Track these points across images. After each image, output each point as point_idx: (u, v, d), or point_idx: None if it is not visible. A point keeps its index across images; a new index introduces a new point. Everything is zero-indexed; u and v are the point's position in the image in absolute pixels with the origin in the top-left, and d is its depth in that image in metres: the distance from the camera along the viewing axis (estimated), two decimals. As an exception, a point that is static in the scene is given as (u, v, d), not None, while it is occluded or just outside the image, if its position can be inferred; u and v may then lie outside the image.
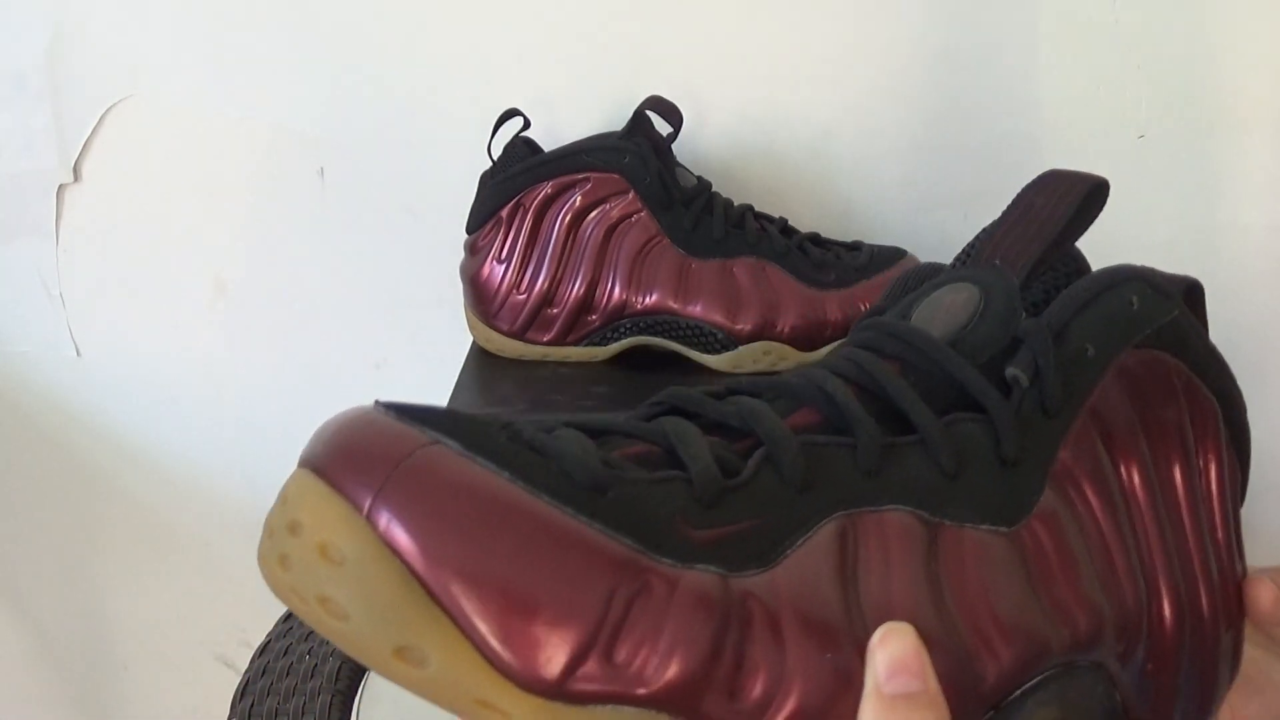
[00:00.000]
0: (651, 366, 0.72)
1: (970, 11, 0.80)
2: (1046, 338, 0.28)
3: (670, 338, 0.72)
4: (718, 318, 0.70)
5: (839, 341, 0.32)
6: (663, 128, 0.73)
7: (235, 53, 0.83)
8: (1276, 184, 0.84)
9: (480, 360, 0.75)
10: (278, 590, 0.26)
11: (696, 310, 0.70)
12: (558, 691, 0.24)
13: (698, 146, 0.81)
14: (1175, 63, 0.81)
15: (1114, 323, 0.30)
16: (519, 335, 0.73)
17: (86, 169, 0.86)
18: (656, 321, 0.71)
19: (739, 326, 0.70)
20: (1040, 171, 0.41)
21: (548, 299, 0.72)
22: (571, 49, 0.81)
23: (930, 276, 0.32)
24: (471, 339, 0.76)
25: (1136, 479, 0.29)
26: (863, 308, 0.71)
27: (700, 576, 0.25)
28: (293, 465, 0.27)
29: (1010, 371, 0.28)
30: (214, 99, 0.83)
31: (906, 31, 0.81)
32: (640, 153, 0.70)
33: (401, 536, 0.24)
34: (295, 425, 0.90)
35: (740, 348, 0.71)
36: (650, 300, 0.71)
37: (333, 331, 0.88)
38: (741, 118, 0.82)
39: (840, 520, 0.26)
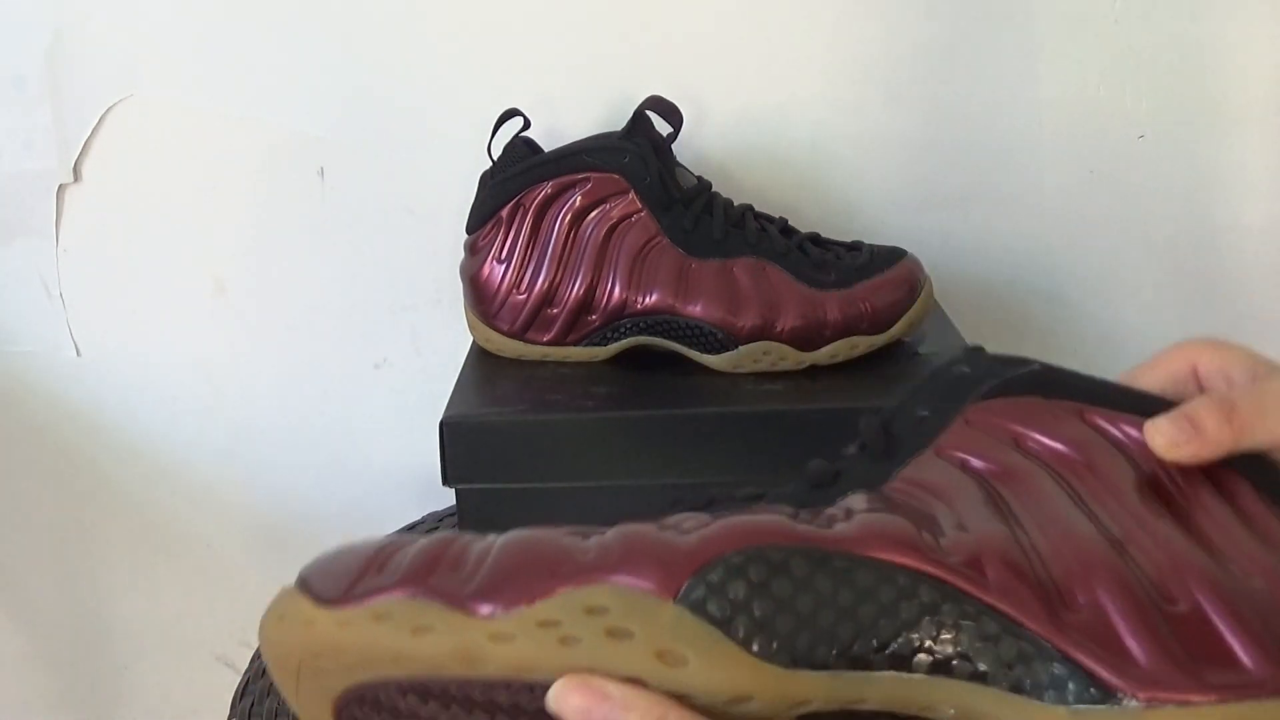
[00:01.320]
0: (651, 366, 0.72)
1: (970, 12, 0.80)
2: (873, 423, 0.39)
3: (670, 338, 0.72)
4: (718, 318, 0.70)
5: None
6: (663, 128, 0.73)
7: (235, 53, 0.83)
8: (1276, 183, 0.84)
9: (480, 360, 0.75)
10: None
11: (696, 310, 0.70)
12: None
13: (698, 146, 0.81)
14: (1175, 63, 0.81)
15: (945, 388, 0.39)
16: (519, 335, 0.73)
17: (86, 169, 0.86)
18: (656, 321, 0.71)
19: (739, 326, 0.70)
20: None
21: (548, 299, 0.72)
22: (571, 49, 0.81)
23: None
24: (471, 339, 0.76)
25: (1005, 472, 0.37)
26: (863, 308, 0.71)
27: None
28: (292, 465, 0.27)
29: (848, 448, 0.39)
30: (214, 99, 0.83)
31: (906, 31, 0.81)
32: (640, 153, 0.70)
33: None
34: (295, 425, 0.91)
35: (740, 348, 0.70)
36: (650, 300, 0.71)
37: (333, 331, 0.88)
38: (741, 118, 0.82)
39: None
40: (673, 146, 0.73)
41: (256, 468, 0.92)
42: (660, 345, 0.72)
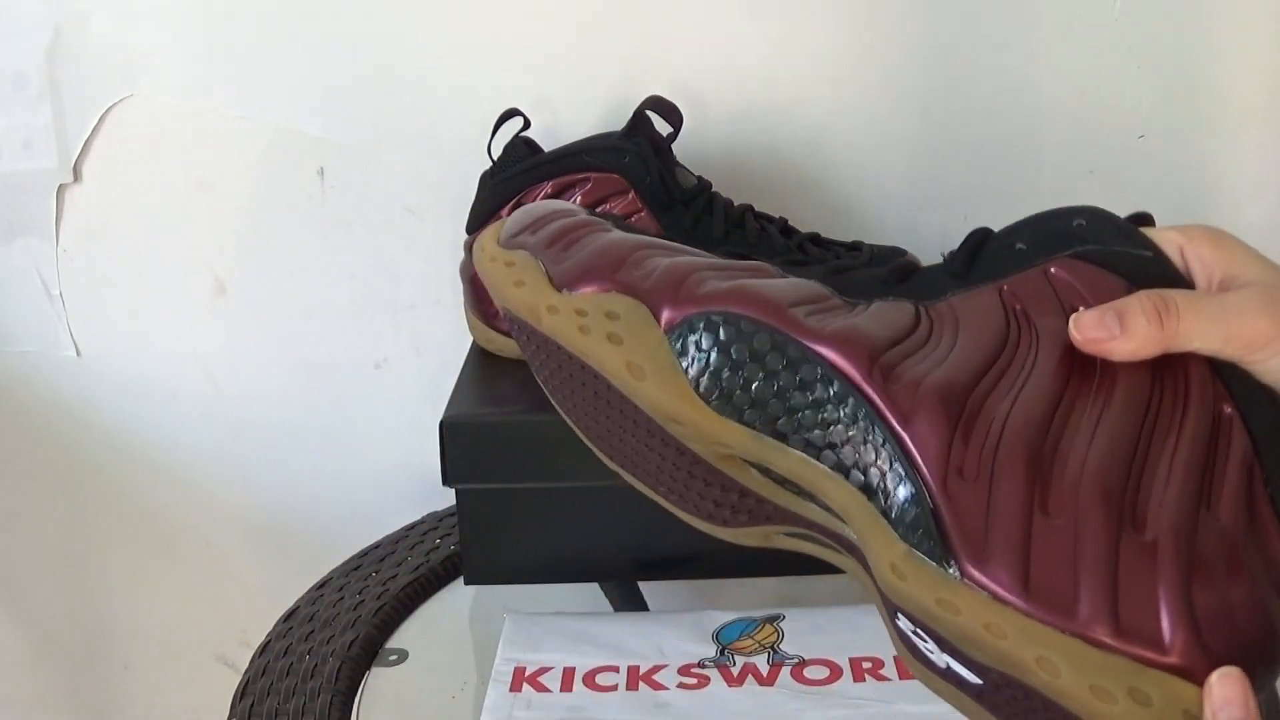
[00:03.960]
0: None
1: (970, 12, 0.80)
2: (969, 241, 0.43)
3: (670, 338, 0.72)
4: (718, 318, 0.70)
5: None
6: (663, 128, 0.73)
7: (235, 53, 0.83)
8: (1276, 183, 0.84)
9: (480, 360, 0.75)
10: None
11: (696, 310, 0.70)
12: None
13: (698, 146, 0.81)
14: (1175, 63, 0.81)
15: (1051, 233, 0.41)
16: (519, 335, 0.73)
17: (86, 169, 0.86)
18: (656, 321, 0.71)
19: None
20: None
21: (548, 299, 0.72)
22: (571, 49, 0.81)
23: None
24: (471, 339, 0.76)
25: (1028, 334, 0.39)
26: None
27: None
28: (292, 465, 0.27)
29: (942, 251, 0.44)
30: (214, 99, 0.83)
31: (906, 31, 0.81)
32: (640, 153, 0.70)
33: None
34: (295, 425, 0.91)
35: (740, 348, 0.70)
36: (650, 300, 0.71)
37: (333, 331, 0.88)
38: (741, 118, 0.82)
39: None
40: (673, 146, 0.73)
41: (256, 468, 0.92)
42: (660, 345, 0.72)
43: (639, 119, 0.72)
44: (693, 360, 0.40)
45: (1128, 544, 0.33)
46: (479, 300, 0.74)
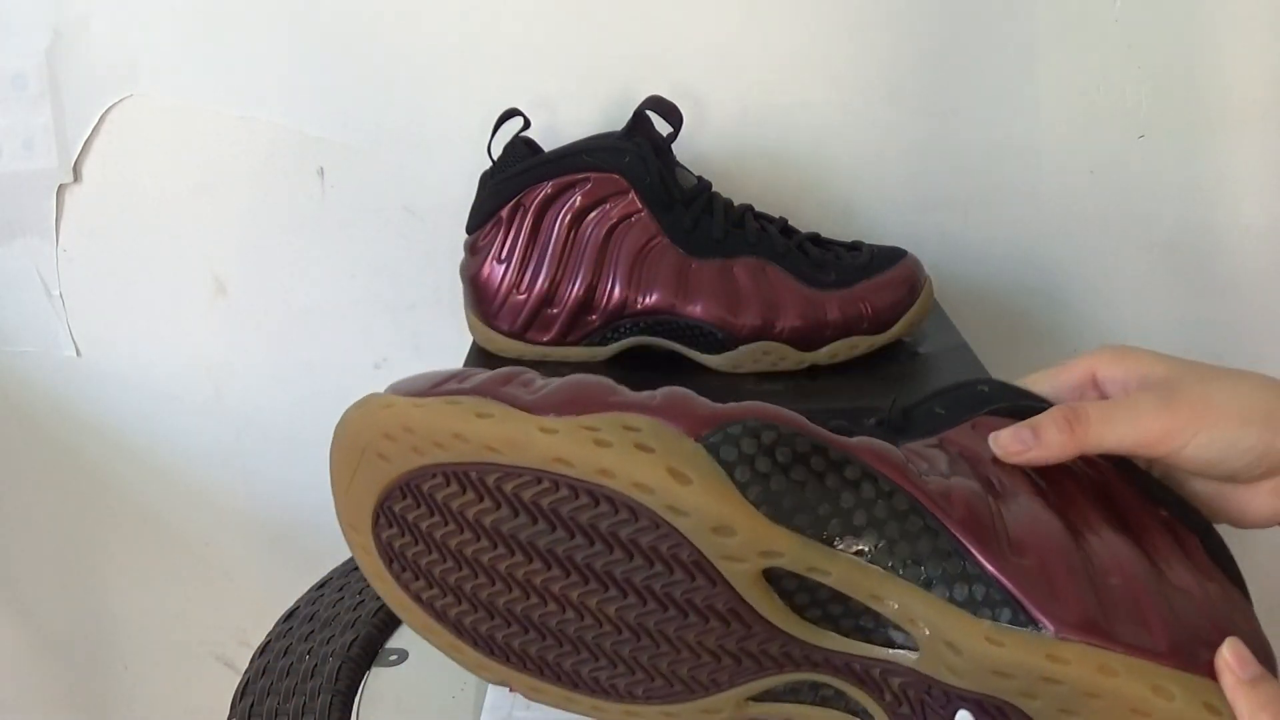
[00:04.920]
0: (651, 366, 0.72)
1: (970, 12, 0.80)
2: (896, 407, 0.45)
3: (670, 338, 0.72)
4: (718, 317, 0.70)
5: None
6: (663, 128, 0.73)
7: (235, 53, 0.83)
8: (1276, 183, 0.84)
9: (480, 360, 0.75)
10: None
11: (696, 310, 0.70)
12: None
13: (698, 146, 0.81)
14: (1175, 63, 0.81)
15: (962, 398, 0.44)
16: (519, 335, 0.73)
17: (86, 169, 0.86)
18: (656, 321, 0.71)
19: (739, 326, 0.70)
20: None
21: (548, 299, 0.72)
22: (571, 49, 0.81)
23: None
24: (471, 339, 0.76)
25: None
26: (863, 308, 0.71)
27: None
28: (292, 466, 0.27)
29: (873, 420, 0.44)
30: (214, 99, 0.83)
31: (906, 32, 0.81)
32: (640, 153, 0.70)
33: None
34: (295, 426, 0.91)
35: (740, 348, 0.71)
36: (650, 300, 0.71)
37: (333, 331, 0.88)
38: (741, 118, 0.82)
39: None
40: (673, 146, 0.73)
41: (256, 468, 0.92)
42: (660, 345, 0.72)
43: (639, 119, 0.72)
44: (735, 463, 0.38)
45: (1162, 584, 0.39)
46: (479, 300, 0.74)
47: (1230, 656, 0.37)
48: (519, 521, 0.40)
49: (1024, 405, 0.43)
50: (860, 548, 0.38)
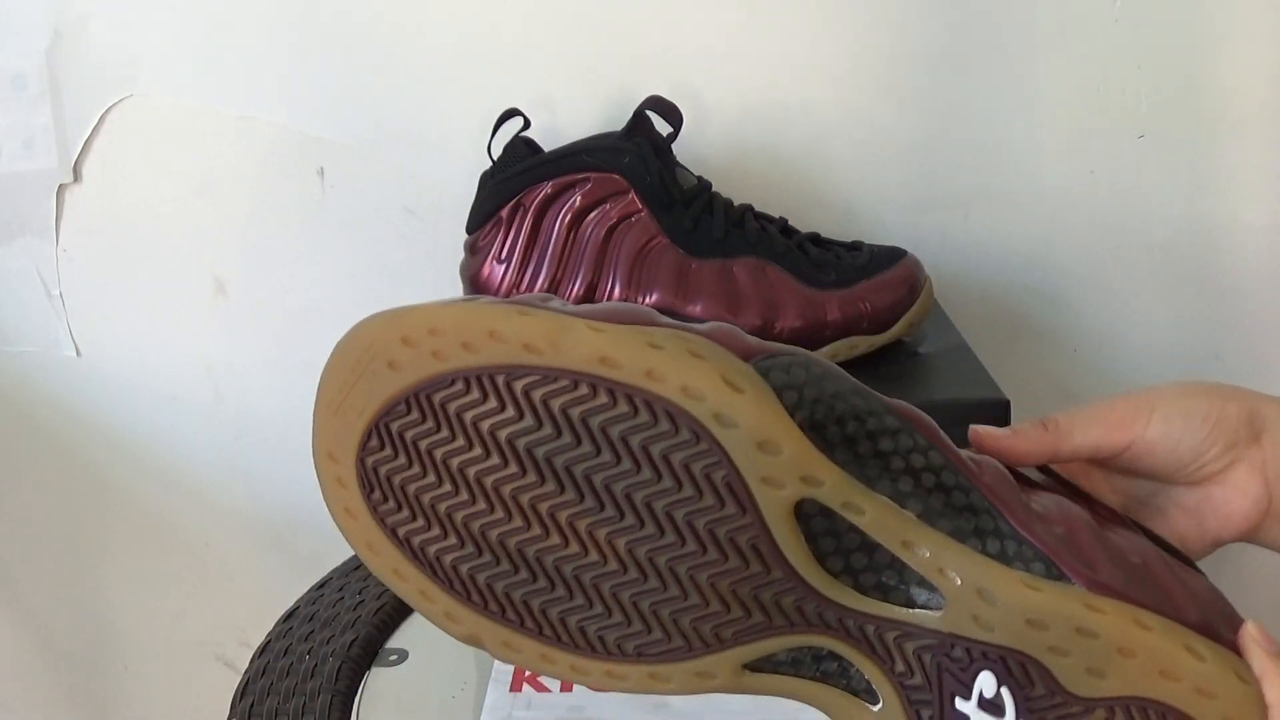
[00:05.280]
0: (651, 366, 0.72)
1: (970, 11, 0.80)
2: None
3: (670, 338, 0.72)
4: (718, 317, 0.70)
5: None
6: (663, 128, 0.73)
7: (235, 53, 0.83)
8: (1276, 183, 0.84)
9: (480, 360, 0.75)
10: None
11: (697, 310, 0.70)
12: None
13: (698, 146, 0.81)
14: (1175, 63, 0.81)
15: None
16: (519, 335, 0.73)
17: (86, 169, 0.86)
18: (656, 321, 0.71)
19: (739, 326, 0.70)
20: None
21: (548, 299, 0.72)
22: (571, 49, 0.81)
23: None
24: (471, 339, 0.76)
25: None
26: (863, 308, 0.71)
27: None
28: (292, 466, 0.27)
29: None
30: (214, 99, 0.83)
31: (907, 31, 0.81)
32: (640, 153, 0.70)
33: None
34: (295, 425, 0.90)
35: (740, 348, 0.70)
36: (650, 300, 0.71)
37: (333, 331, 0.88)
38: (741, 118, 0.82)
39: None
40: (673, 146, 0.73)
41: (257, 467, 0.92)
42: (660, 345, 0.72)
43: (639, 119, 0.72)
44: (783, 387, 0.37)
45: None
46: (479, 300, 0.74)
47: (1255, 631, 0.38)
48: (542, 433, 0.37)
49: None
50: (897, 491, 0.38)
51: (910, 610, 0.38)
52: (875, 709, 0.39)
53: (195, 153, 0.85)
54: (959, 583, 0.37)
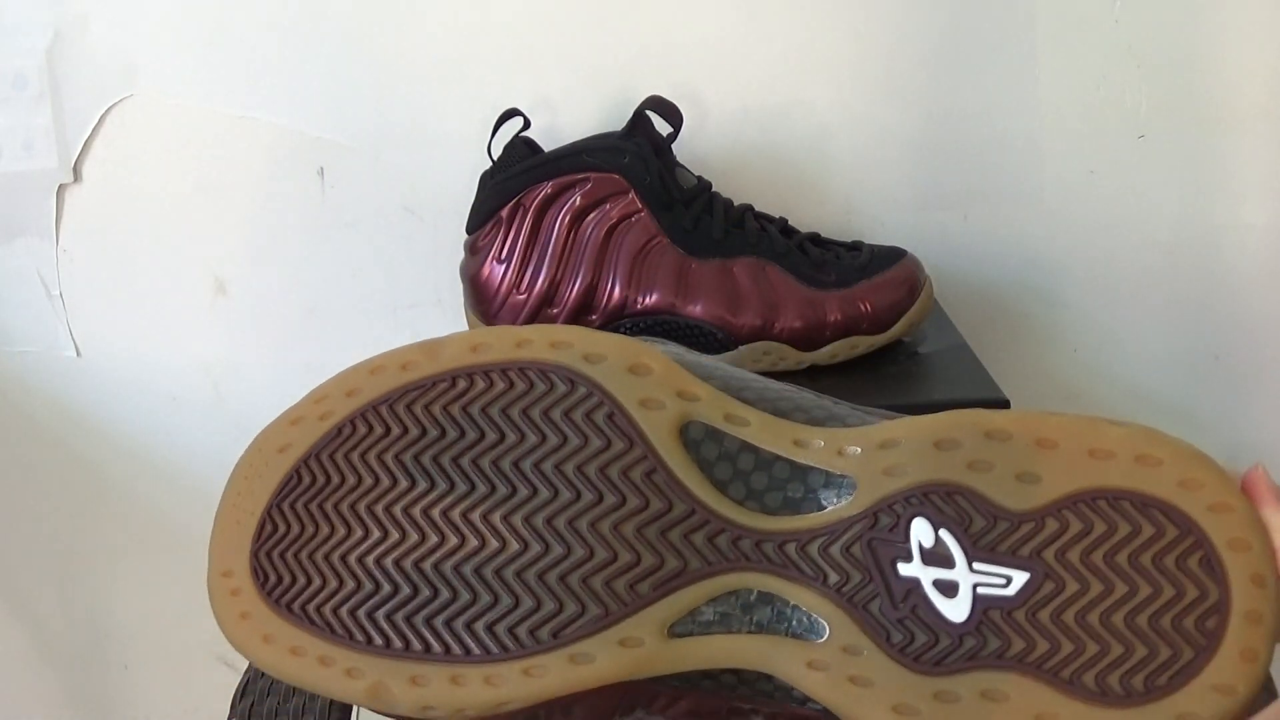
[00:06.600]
0: (651, 366, 0.72)
1: (970, 12, 0.80)
2: None
3: (670, 338, 0.72)
4: (718, 317, 0.70)
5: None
6: (663, 128, 0.73)
7: (235, 53, 0.83)
8: (1276, 183, 0.84)
9: (480, 360, 0.75)
10: None
11: (696, 310, 0.70)
12: None
13: (698, 146, 0.81)
14: (1175, 63, 0.81)
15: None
16: (519, 335, 0.73)
17: (86, 169, 0.86)
18: (656, 321, 0.71)
19: (739, 326, 0.70)
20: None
21: (548, 299, 0.72)
22: (571, 49, 0.81)
23: None
24: (471, 339, 0.76)
25: None
26: (863, 308, 0.71)
27: None
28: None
29: None
30: (214, 99, 0.83)
31: (906, 31, 0.81)
32: (640, 153, 0.70)
33: None
34: (295, 425, 0.90)
35: (740, 348, 0.71)
36: (650, 300, 0.71)
37: (333, 331, 0.88)
38: (741, 118, 0.82)
39: None
40: (673, 146, 0.73)
41: (256, 468, 0.92)
42: (660, 345, 0.72)
43: (639, 119, 0.72)
44: (652, 341, 0.40)
45: None
46: (479, 300, 0.74)
47: (1263, 475, 0.36)
48: (428, 439, 0.39)
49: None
50: (774, 405, 0.38)
51: (824, 513, 0.37)
52: (821, 641, 0.36)
53: (195, 153, 0.85)
54: (859, 452, 0.37)
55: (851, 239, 0.76)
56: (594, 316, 0.72)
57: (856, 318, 0.71)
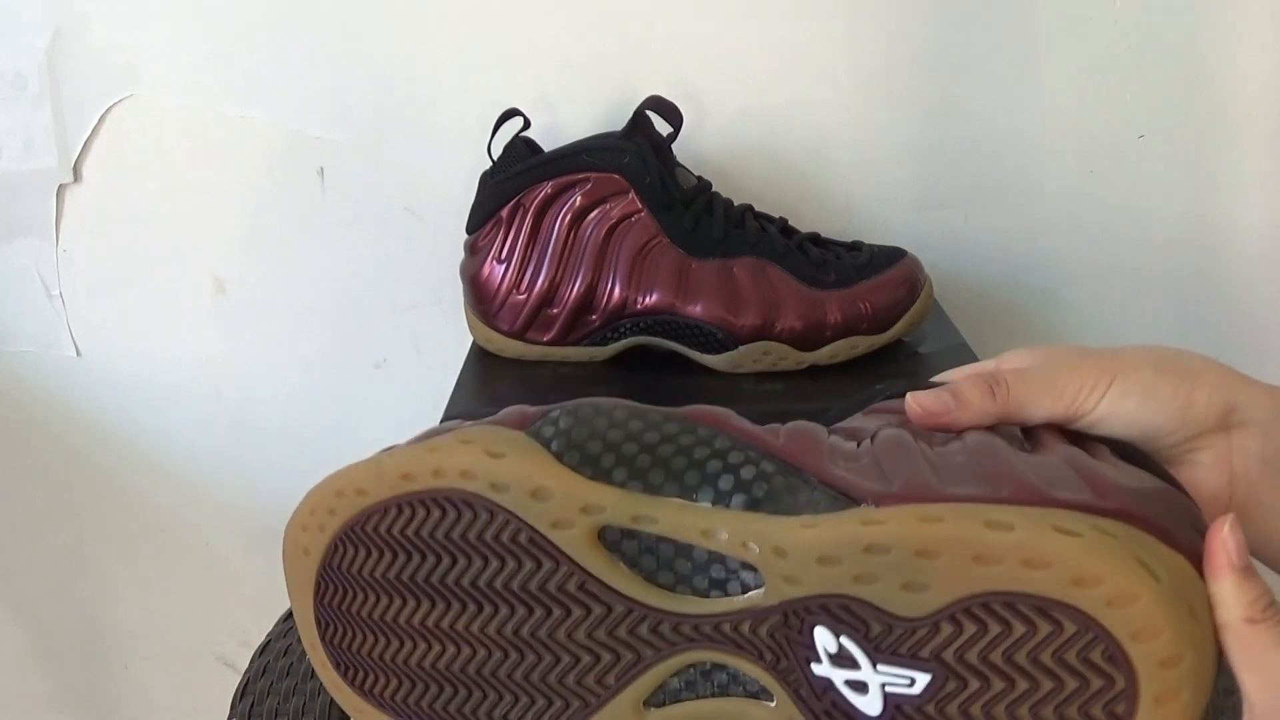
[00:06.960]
0: (651, 366, 0.72)
1: (970, 11, 0.80)
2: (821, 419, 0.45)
3: (670, 338, 0.72)
4: (718, 317, 0.70)
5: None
6: (663, 128, 0.73)
7: (235, 53, 0.83)
8: (1275, 183, 0.84)
9: (480, 360, 0.75)
10: None
11: (696, 310, 0.70)
12: None
13: (698, 146, 0.81)
14: (1175, 63, 0.81)
15: (869, 398, 0.45)
16: (519, 335, 0.73)
17: (86, 169, 0.86)
18: (656, 321, 0.71)
19: (739, 326, 0.70)
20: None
21: (548, 299, 0.72)
22: (571, 49, 0.81)
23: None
24: (471, 339, 0.76)
25: None
26: (863, 308, 0.71)
27: None
28: (292, 465, 0.27)
29: None
30: (214, 99, 0.84)
31: (906, 31, 0.81)
32: (640, 153, 0.70)
33: None
34: (295, 425, 0.91)
35: (740, 348, 0.71)
36: (650, 300, 0.71)
37: (333, 331, 0.88)
38: (741, 118, 0.82)
39: None
40: (673, 146, 0.73)
41: (257, 467, 0.92)
42: (660, 345, 0.72)
43: (639, 119, 0.72)
44: (551, 438, 0.39)
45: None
46: (479, 300, 0.74)
47: (1229, 536, 0.34)
48: (398, 563, 0.41)
49: (902, 390, 0.44)
50: (685, 487, 0.38)
51: (745, 596, 0.38)
52: (772, 705, 0.39)
53: (195, 153, 0.85)
54: (758, 550, 0.37)
55: (851, 239, 0.76)
56: (594, 316, 0.72)
57: (856, 318, 0.71)
